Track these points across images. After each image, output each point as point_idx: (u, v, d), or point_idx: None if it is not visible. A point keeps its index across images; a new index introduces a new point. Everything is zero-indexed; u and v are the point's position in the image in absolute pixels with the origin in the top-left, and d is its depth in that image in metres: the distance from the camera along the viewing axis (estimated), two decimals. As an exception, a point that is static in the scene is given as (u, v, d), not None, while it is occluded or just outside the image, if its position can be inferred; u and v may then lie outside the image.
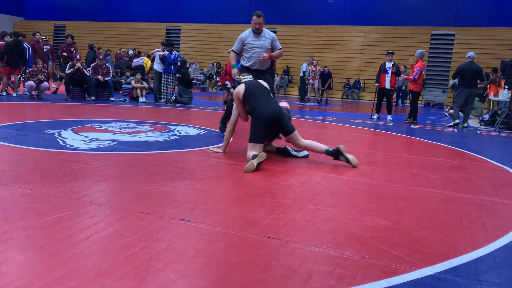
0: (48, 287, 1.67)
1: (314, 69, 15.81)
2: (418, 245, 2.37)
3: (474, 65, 9.73)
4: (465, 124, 9.80)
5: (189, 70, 22.30)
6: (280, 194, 3.23)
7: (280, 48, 6.28)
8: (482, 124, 10.73)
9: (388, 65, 10.24)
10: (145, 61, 14.56)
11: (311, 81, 15.82)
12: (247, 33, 6.24)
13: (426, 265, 2.11)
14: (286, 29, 23.46)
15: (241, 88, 4.60)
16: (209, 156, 4.52)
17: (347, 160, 4.43)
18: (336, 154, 4.49)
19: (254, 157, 3.97)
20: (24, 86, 10.51)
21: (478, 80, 10.49)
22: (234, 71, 6.36)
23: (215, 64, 23.00)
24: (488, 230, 2.70)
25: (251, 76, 4.91)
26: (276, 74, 20.02)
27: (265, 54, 5.99)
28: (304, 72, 15.57)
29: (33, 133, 5.29)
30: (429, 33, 20.97)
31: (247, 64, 6.14)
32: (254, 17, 6.14)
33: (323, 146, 4.58)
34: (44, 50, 12.62)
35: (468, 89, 9.73)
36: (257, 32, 6.12)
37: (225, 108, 10.57)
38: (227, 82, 10.47)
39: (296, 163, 4.45)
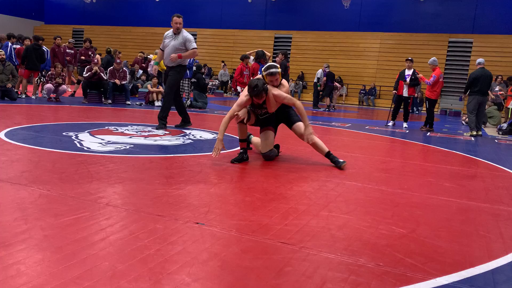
0: (64, 287, 1.70)
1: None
2: (434, 253, 2.35)
3: (487, 71, 9.54)
4: (480, 132, 9.63)
5: (219, 74, 22.59)
6: (294, 200, 3.22)
7: (193, 48, 6.63)
8: (500, 133, 10.56)
9: (408, 72, 10.14)
10: (153, 57, 14.30)
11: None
12: (168, 32, 6.70)
13: (442, 274, 2.09)
14: (302, 35, 23.49)
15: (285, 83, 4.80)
16: (223, 160, 4.53)
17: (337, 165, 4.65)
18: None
19: None
20: (42, 89, 10.70)
21: (498, 87, 10.30)
22: (155, 67, 7.19)
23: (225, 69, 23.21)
24: (506, 240, 2.65)
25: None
26: (290, 80, 20.06)
27: (173, 55, 6.46)
28: (318, 78, 15.53)
29: (51, 135, 5.38)
30: (446, 40, 20.77)
31: (165, 61, 6.68)
32: (175, 18, 6.56)
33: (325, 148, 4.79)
34: (69, 53, 12.95)
35: (482, 96, 9.53)
36: (176, 32, 6.54)
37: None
38: (238, 88, 10.53)
39: (310, 169, 4.44)
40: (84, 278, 1.77)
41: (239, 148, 5.29)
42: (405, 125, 10.35)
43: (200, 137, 6.19)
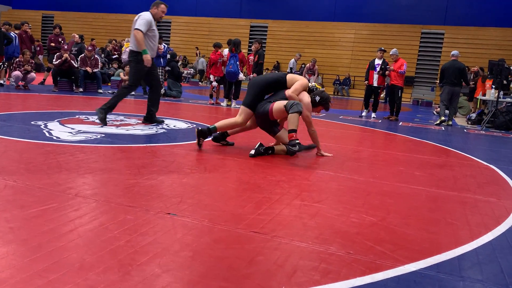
0: (30, 280, 1.65)
1: (311, 67, 15.77)
2: (402, 241, 2.40)
3: (457, 63, 9.81)
4: (450, 122, 9.88)
5: (198, 62, 22.37)
6: (267, 189, 3.23)
7: None
8: (469, 123, 10.85)
9: (378, 62, 10.24)
10: (126, 45, 13.76)
11: (306, 76, 15.78)
12: (151, 18, 5.86)
13: (410, 261, 2.13)
14: (277, 24, 23.42)
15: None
16: (197, 150, 4.50)
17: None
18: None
19: None
20: (9, 76, 10.35)
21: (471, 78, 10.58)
22: (148, 56, 5.84)
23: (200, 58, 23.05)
24: (472, 227, 2.73)
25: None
26: (266, 70, 20.02)
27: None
28: (291, 68, 15.53)
29: (19, 124, 5.21)
30: (419, 31, 21.09)
31: (150, 52, 5.86)
32: (163, 6, 5.90)
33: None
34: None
35: (451, 87, 9.79)
36: (160, 21, 6.06)
37: (213, 102, 10.54)
38: (211, 76, 10.42)
39: (284, 159, 4.46)
40: (50, 270, 1.73)
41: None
42: (373, 115, 10.47)
43: (174, 126, 6.12)
